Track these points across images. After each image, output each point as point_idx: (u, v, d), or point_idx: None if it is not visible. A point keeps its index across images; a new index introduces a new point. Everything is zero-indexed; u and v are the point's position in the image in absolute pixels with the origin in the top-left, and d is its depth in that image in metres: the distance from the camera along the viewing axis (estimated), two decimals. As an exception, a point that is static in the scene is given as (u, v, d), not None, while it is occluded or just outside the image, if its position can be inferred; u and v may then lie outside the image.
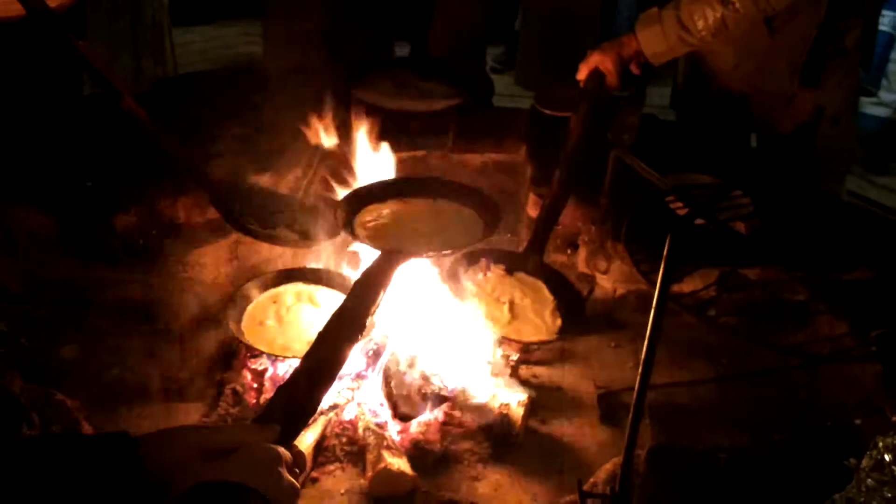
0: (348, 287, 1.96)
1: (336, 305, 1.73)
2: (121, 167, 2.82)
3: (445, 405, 2.24)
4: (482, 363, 2.34)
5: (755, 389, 2.26)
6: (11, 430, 1.81)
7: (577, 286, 2.66)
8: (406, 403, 2.19)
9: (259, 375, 2.30)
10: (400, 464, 2.03)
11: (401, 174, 2.66)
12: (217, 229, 2.78)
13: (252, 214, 2.61)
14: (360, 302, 1.78)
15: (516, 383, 2.31)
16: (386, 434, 2.13)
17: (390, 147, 2.60)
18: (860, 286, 2.34)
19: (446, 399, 2.24)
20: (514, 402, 2.19)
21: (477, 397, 2.22)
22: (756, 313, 2.36)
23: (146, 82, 3.95)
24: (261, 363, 2.31)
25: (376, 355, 2.32)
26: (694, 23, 2.50)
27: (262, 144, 2.92)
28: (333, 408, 2.21)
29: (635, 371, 1.61)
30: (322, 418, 2.16)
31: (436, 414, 2.22)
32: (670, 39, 2.57)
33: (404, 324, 2.35)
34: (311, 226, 2.54)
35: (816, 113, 2.83)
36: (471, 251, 2.63)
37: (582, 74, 2.72)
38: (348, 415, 2.21)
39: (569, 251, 2.93)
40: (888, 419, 1.80)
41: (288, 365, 2.24)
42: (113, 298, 2.48)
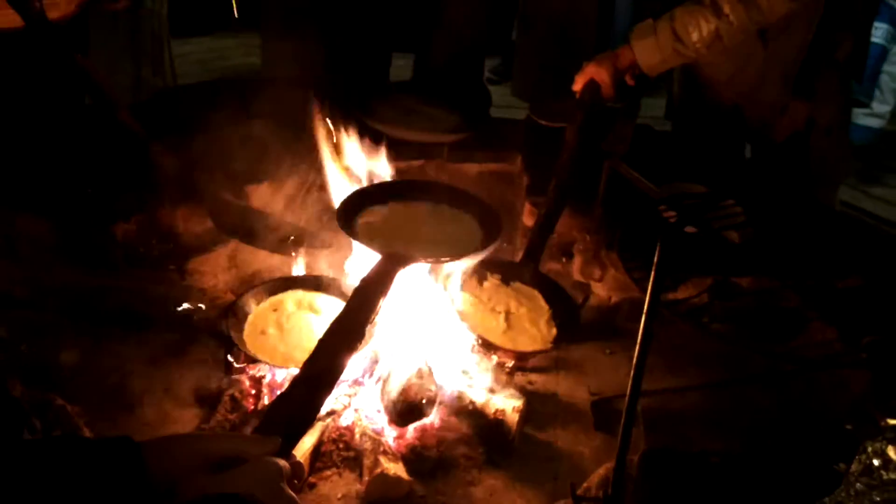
0: (348, 293, 1.97)
1: (336, 312, 1.75)
2: (121, 176, 2.85)
3: (441, 411, 2.25)
4: (478, 370, 2.35)
5: (748, 395, 2.28)
6: (13, 435, 1.82)
7: (572, 295, 2.69)
8: (402, 409, 2.20)
9: (257, 382, 2.31)
10: (396, 469, 2.04)
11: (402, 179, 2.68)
12: (216, 237, 2.81)
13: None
14: (359, 310, 1.79)
15: (511, 390, 2.32)
16: (382, 440, 2.14)
17: (387, 156, 2.62)
18: (851, 294, 2.37)
19: (442, 405, 2.25)
20: (510, 409, 2.20)
21: (472, 403, 2.24)
22: (748, 320, 2.39)
23: (146, 92, 3.98)
24: (259, 369, 2.32)
25: (373, 362, 2.33)
26: (688, 34, 2.52)
27: (260, 154, 2.94)
28: (331, 414, 2.22)
29: (629, 378, 1.64)
30: (319, 424, 2.17)
31: (432, 420, 2.23)
32: (665, 51, 2.57)
33: (402, 331, 2.36)
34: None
35: (809, 123, 2.86)
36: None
37: (578, 85, 2.73)
38: (345, 421, 2.22)
39: (564, 260, 2.95)
40: (878, 425, 1.82)
41: (286, 372, 2.26)
42: (113, 305, 2.51)
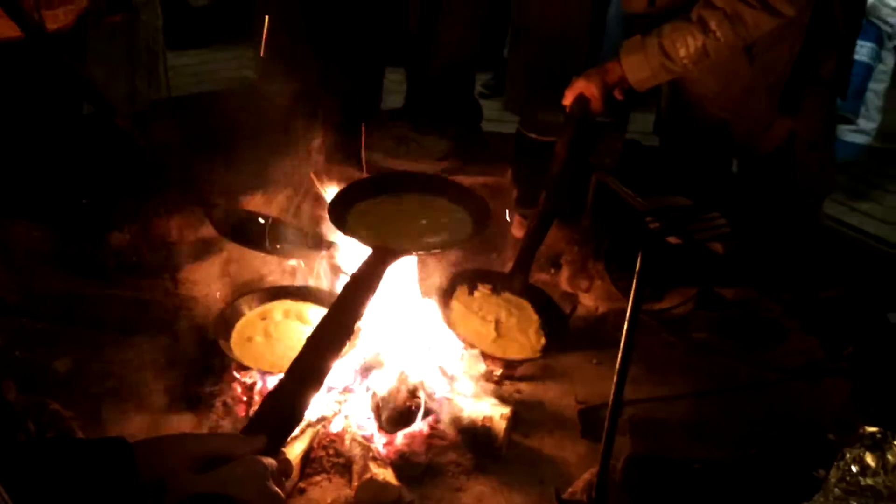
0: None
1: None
2: (115, 185, 2.88)
3: (430, 418, 2.27)
4: (467, 377, 2.38)
5: (732, 405, 2.31)
6: (7, 438, 1.85)
7: (560, 305, 2.72)
8: (392, 416, 2.23)
9: (248, 389, 2.33)
10: (385, 474, 2.06)
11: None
12: (209, 247, 2.84)
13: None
14: (348, 306, 1.82)
15: (500, 398, 2.35)
16: (372, 446, 2.16)
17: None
18: (832, 304, 2.40)
19: (431, 412, 2.28)
20: (497, 416, 2.22)
21: (461, 411, 2.26)
22: (732, 330, 2.42)
23: (140, 104, 4.01)
24: (250, 376, 2.34)
25: (364, 370, 2.36)
26: (676, 51, 2.55)
27: (254, 165, 2.98)
28: (321, 420, 2.24)
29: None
30: (310, 430, 2.19)
31: (421, 427, 2.25)
32: (653, 66, 2.60)
33: (391, 338, 2.39)
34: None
35: (790, 137, 2.90)
36: (460, 271, 2.70)
37: (567, 100, 2.75)
38: (335, 427, 2.24)
39: (552, 270, 2.97)
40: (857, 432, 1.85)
41: (276, 379, 2.28)
42: (106, 313, 2.53)
